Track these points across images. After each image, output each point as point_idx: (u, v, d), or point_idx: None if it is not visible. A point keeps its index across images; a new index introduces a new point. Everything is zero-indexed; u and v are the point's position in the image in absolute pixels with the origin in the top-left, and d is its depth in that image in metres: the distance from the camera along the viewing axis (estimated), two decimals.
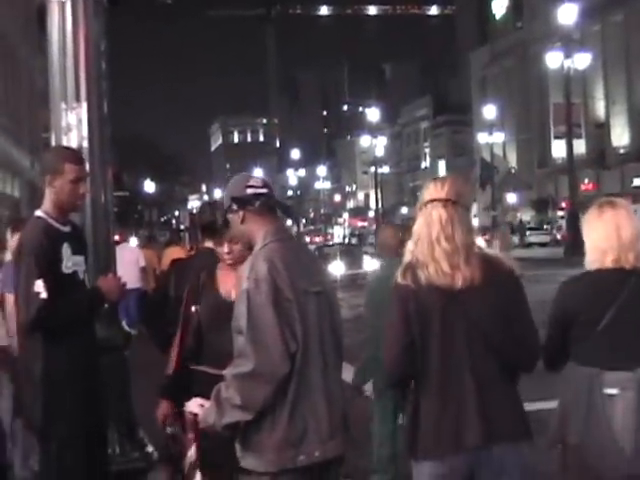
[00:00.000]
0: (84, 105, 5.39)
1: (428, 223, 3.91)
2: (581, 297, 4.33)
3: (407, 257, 3.99)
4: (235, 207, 4.05)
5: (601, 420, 4.03)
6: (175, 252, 15.96)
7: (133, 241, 23.79)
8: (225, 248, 4.69)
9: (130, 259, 14.79)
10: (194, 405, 4.07)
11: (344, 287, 28.98)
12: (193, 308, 4.78)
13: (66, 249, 4.77)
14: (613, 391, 4.06)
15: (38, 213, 4.87)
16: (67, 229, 4.90)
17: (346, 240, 76.88)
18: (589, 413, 4.07)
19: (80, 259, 4.91)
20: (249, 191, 4.03)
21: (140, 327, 7.85)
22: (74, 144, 5.34)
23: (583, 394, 4.12)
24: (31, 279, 4.58)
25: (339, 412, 4.03)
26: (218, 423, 3.84)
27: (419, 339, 3.85)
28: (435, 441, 3.82)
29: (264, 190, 4.06)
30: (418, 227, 3.96)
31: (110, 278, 5.07)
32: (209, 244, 5.08)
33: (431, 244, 3.86)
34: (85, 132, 5.40)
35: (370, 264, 33.48)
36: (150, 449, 5.79)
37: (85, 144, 5.36)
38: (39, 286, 4.56)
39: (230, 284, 4.67)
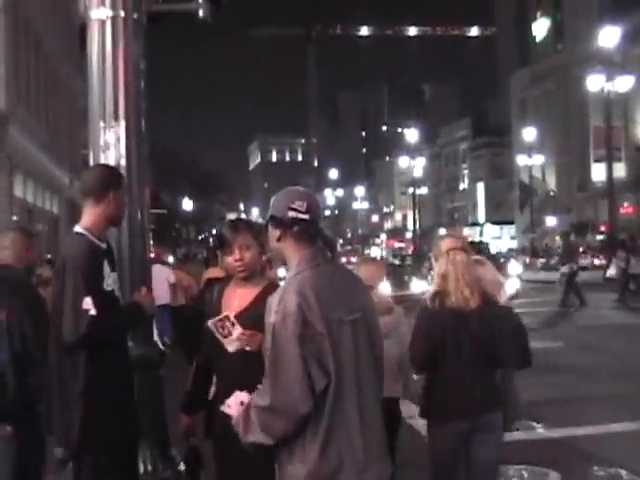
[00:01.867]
0: (122, 124, 5.42)
1: (454, 264, 5.55)
2: None
3: (435, 287, 5.64)
4: (273, 225, 3.94)
5: None
6: (215, 272, 15.94)
7: (170, 259, 23.92)
8: (236, 255, 4.65)
9: (159, 276, 14.81)
10: (234, 401, 4.04)
11: None
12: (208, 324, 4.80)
13: (106, 267, 4.78)
14: None
15: (78, 229, 4.84)
16: (104, 246, 4.90)
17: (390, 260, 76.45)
18: None
19: (115, 276, 4.92)
20: (290, 214, 3.87)
21: (172, 344, 7.89)
22: (112, 162, 5.37)
23: None
24: (79, 296, 4.54)
25: (377, 439, 3.94)
26: (243, 437, 3.83)
27: (439, 342, 5.54)
28: (448, 410, 5.56)
29: (306, 216, 3.88)
30: (444, 266, 5.58)
31: (145, 293, 5.09)
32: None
33: (457, 279, 5.51)
34: (123, 150, 5.43)
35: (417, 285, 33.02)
36: (182, 467, 5.79)
37: (123, 162, 5.39)
38: (88, 303, 4.53)
39: (232, 303, 4.68)
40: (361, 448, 3.81)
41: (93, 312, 4.54)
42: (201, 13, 5.76)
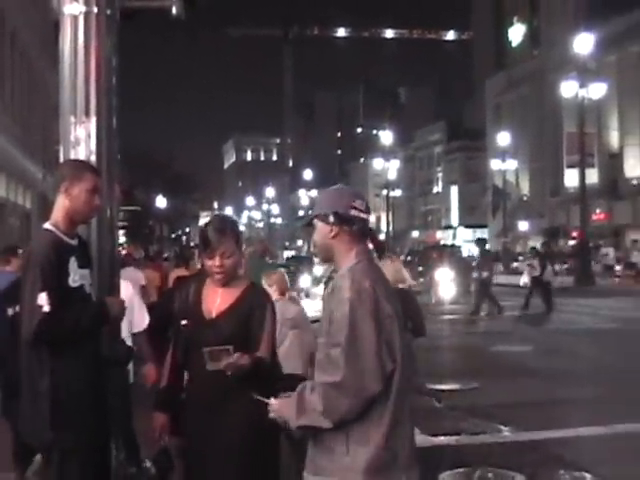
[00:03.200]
0: (93, 119, 5.39)
1: None
2: None
3: None
4: (332, 221, 3.91)
5: None
6: (181, 271, 15.85)
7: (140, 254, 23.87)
8: (216, 261, 4.65)
9: (129, 277, 14.69)
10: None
11: None
12: (183, 322, 4.79)
13: (73, 263, 4.74)
14: None
15: (47, 226, 4.83)
16: (74, 242, 4.87)
17: None
18: None
19: (86, 272, 4.88)
20: (353, 212, 3.91)
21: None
22: (82, 158, 5.35)
23: None
24: (35, 292, 4.54)
25: (414, 441, 3.95)
26: (294, 421, 3.71)
27: None
28: None
29: (365, 216, 3.96)
30: None
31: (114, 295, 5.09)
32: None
33: None
34: (93, 146, 5.40)
35: None
36: (148, 464, 5.79)
37: (93, 158, 5.36)
38: (42, 299, 4.52)
39: (212, 303, 4.68)
40: (410, 444, 3.84)
41: (46, 309, 4.52)
42: (175, 10, 5.75)
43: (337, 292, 3.77)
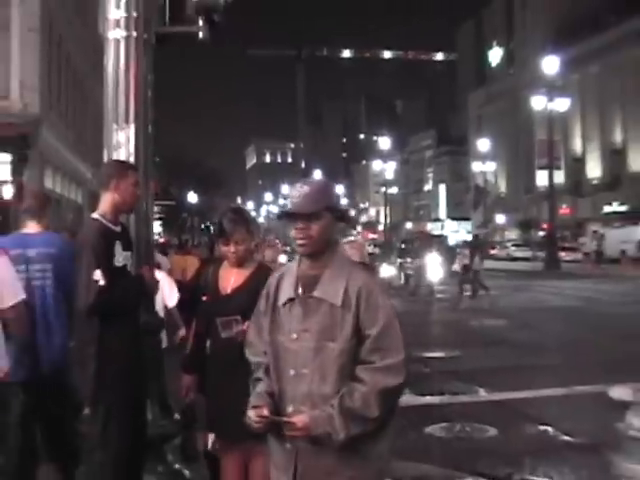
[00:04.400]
0: (132, 126, 5.45)
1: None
2: None
3: None
4: (339, 215, 3.42)
5: None
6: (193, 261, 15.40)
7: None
8: (231, 247, 4.65)
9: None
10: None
11: None
12: (204, 297, 4.83)
13: (118, 246, 4.81)
14: None
15: (94, 215, 4.90)
16: (118, 229, 4.94)
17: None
18: None
19: (128, 254, 4.95)
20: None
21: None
22: (122, 158, 5.41)
23: None
24: (90, 269, 4.59)
25: None
26: (342, 434, 3.14)
27: None
28: None
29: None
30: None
31: (147, 270, 5.14)
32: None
33: None
34: (132, 149, 5.46)
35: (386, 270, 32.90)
36: (177, 416, 5.83)
37: (132, 159, 5.42)
38: (97, 275, 4.58)
39: (227, 281, 4.72)
40: None
41: (102, 282, 4.60)
42: (201, 35, 5.77)
43: (365, 284, 3.29)
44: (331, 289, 3.28)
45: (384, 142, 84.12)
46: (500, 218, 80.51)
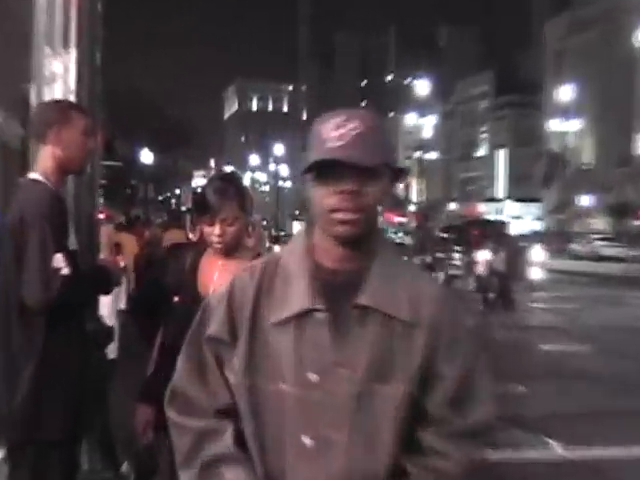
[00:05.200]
0: (73, 52, 5.41)
1: None
2: None
3: None
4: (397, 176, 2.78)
5: None
6: (175, 235, 15.83)
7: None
8: (216, 229, 4.60)
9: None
10: None
11: None
12: (175, 299, 4.80)
13: (71, 223, 4.73)
14: None
15: (34, 176, 4.72)
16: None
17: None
18: None
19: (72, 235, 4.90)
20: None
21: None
22: (58, 97, 5.37)
23: None
24: (47, 253, 4.42)
25: None
26: None
27: None
28: None
29: None
30: None
31: (111, 260, 5.08)
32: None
33: None
34: (73, 83, 5.42)
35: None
36: (125, 468, 5.84)
37: (72, 98, 5.38)
38: (59, 260, 4.42)
39: (210, 277, 4.69)
40: None
41: (66, 271, 4.45)
42: None
43: (440, 295, 2.80)
44: (387, 295, 2.67)
45: (421, 87, 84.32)
46: (583, 200, 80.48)
